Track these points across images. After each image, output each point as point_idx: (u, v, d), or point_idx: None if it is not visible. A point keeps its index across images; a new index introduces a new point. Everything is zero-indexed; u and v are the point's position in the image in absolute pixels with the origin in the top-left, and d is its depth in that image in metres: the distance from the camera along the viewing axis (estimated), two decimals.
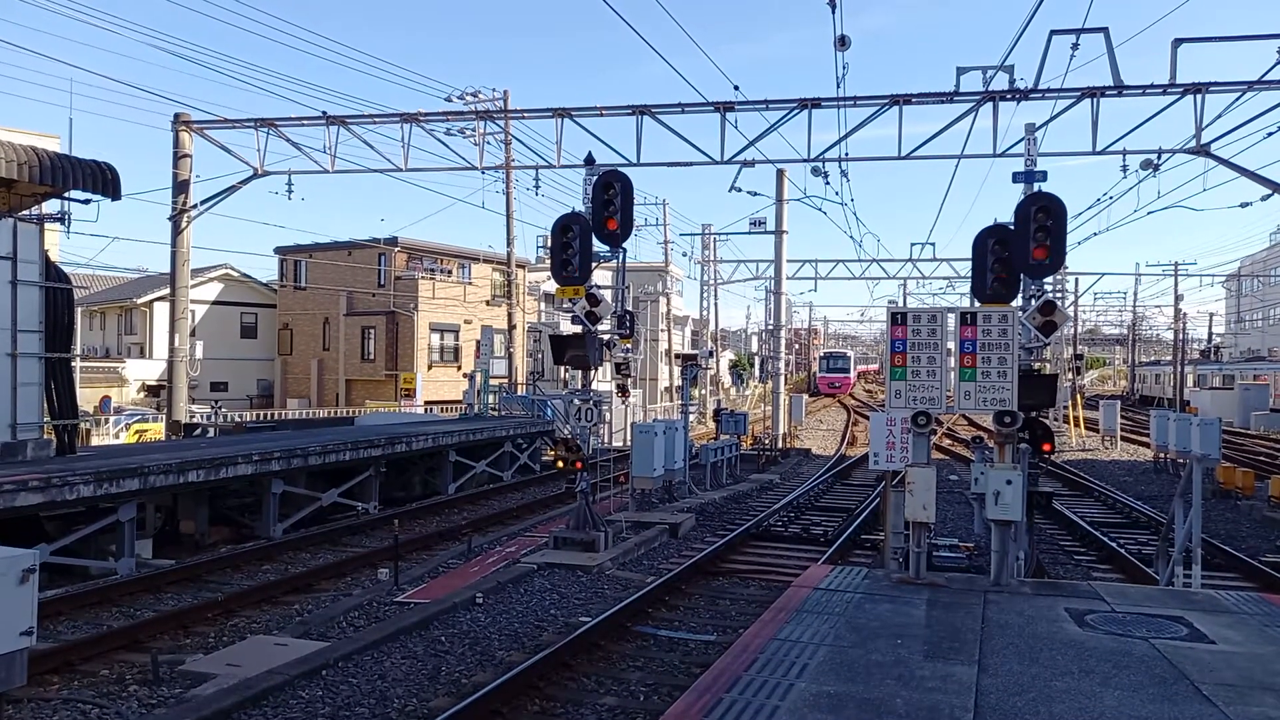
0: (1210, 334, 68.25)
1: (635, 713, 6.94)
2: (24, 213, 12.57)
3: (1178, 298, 52.15)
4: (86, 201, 12.33)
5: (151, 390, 37.23)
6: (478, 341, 30.85)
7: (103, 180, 11.72)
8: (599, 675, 7.78)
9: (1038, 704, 5.01)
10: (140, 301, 42.37)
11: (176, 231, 22.99)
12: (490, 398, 28.14)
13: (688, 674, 7.51)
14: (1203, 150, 18.18)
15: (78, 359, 21.14)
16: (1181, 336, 51.34)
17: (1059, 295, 11.26)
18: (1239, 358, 59.51)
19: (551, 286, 15.82)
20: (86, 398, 26.61)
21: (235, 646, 8.47)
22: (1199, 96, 17.64)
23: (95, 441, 23.91)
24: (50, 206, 13.17)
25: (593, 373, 13.04)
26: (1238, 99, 17.70)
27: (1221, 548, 12.99)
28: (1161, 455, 24.12)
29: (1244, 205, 30.08)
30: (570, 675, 7.70)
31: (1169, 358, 57.67)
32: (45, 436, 13.47)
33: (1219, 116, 18.01)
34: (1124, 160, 19.34)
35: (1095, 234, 46.99)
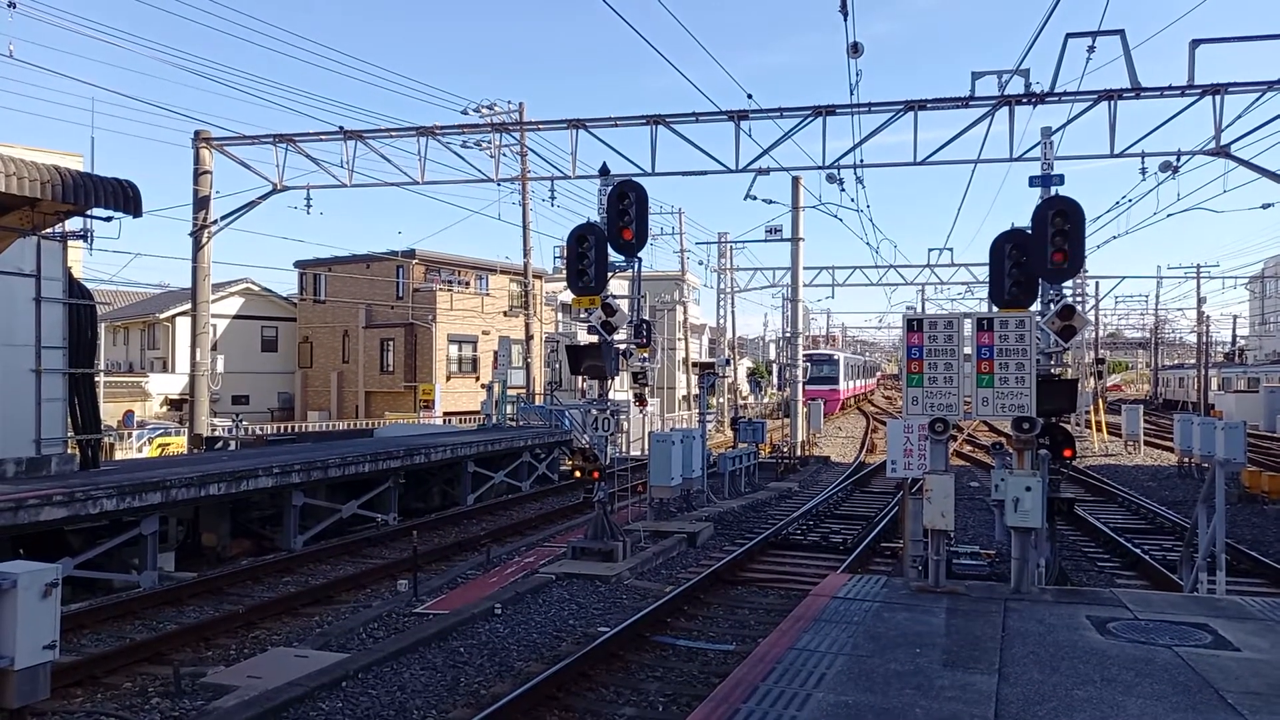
0: (1234, 336, 67.43)
1: None
2: (47, 231, 12.74)
3: (1200, 300, 51.62)
4: (109, 219, 12.47)
5: (174, 404, 37.60)
6: (495, 352, 30.99)
7: (124, 198, 11.86)
8: (618, 686, 7.77)
9: (1059, 713, 4.96)
10: (162, 316, 42.84)
11: (197, 247, 23.25)
12: (508, 408, 28.22)
13: (706, 684, 7.49)
14: (1222, 151, 18.03)
15: (101, 374, 21.36)
16: (1205, 339, 50.77)
17: (1079, 299, 11.18)
18: (1264, 360, 58.78)
19: (568, 297, 15.86)
20: (110, 412, 26.90)
21: (256, 658, 8.52)
22: (1218, 97, 17.50)
23: (118, 455, 24.17)
24: (73, 224, 13.35)
25: (610, 382, 13.05)
26: (1258, 99, 17.56)
27: (1247, 553, 12.82)
28: (1186, 460, 23.83)
29: (1266, 206, 29.89)
30: (589, 686, 7.69)
31: (1192, 361, 57.06)
32: (69, 451, 13.63)
33: (1239, 117, 17.89)
34: (1143, 162, 19.22)
35: (1115, 237, 46.92)
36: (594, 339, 12.63)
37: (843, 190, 24.27)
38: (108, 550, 11.28)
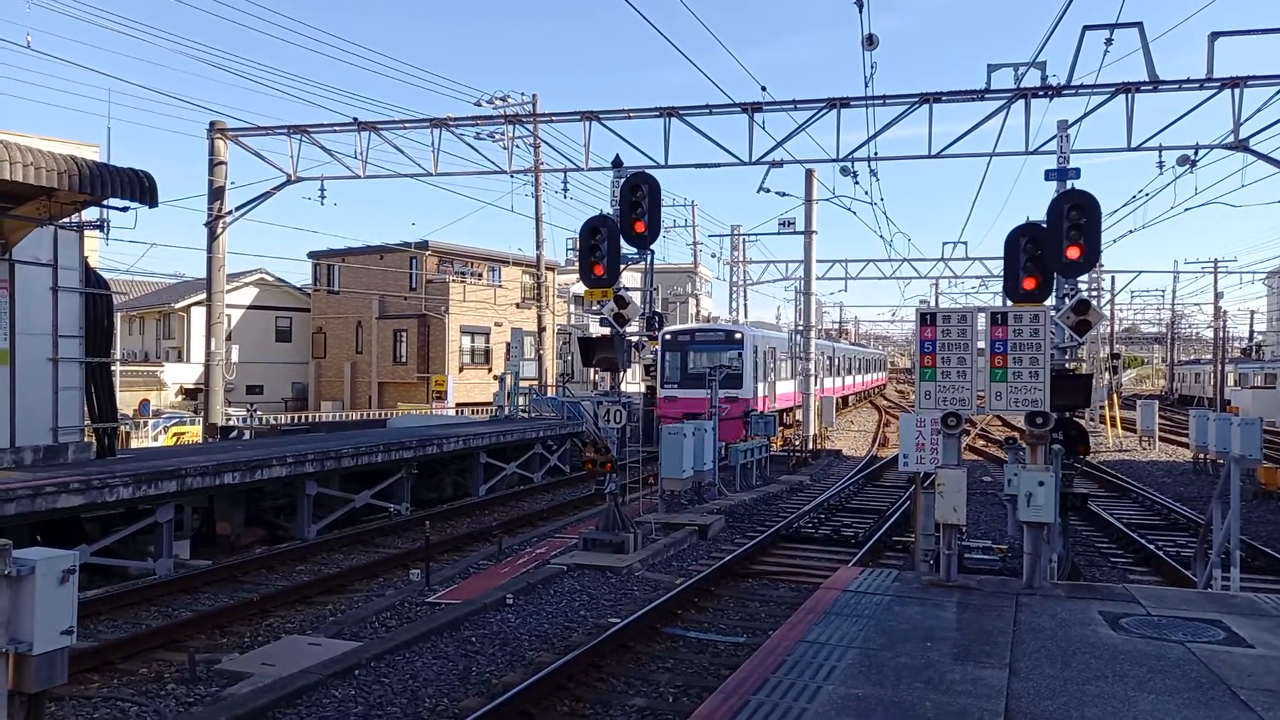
0: (1251, 332, 66.87)
1: (664, 714, 6.95)
2: (64, 220, 12.83)
3: (1217, 295, 51.24)
4: (125, 209, 12.55)
5: (189, 393, 37.86)
6: (508, 344, 31.03)
7: (140, 188, 11.93)
8: (628, 676, 7.80)
9: (1070, 708, 4.95)
10: (178, 306, 43.12)
11: (212, 237, 23.37)
12: (520, 399, 28.27)
13: (716, 675, 7.50)
14: (1241, 145, 17.86)
15: (117, 363, 21.53)
16: (1222, 334, 50.39)
17: (1094, 294, 11.14)
18: None
19: (580, 289, 15.87)
20: (126, 401, 27.12)
21: (270, 646, 8.60)
22: (1237, 90, 17.32)
23: (134, 444, 24.35)
24: (89, 214, 13.43)
25: (622, 374, 13.07)
26: (1278, 92, 17.36)
27: (1262, 550, 12.74)
28: (1201, 456, 23.66)
29: None
30: (600, 676, 7.72)
31: (1208, 356, 56.65)
32: (85, 439, 13.75)
33: (1258, 110, 17.69)
34: (1160, 156, 19.02)
35: (1131, 231, 46.70)
36: (606, 331, 12.64)
37: (856, 183, 24.12)
38: (124, 538, 11.38)
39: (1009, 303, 9.17)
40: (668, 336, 26.03)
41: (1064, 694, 5.18)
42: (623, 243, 12.37)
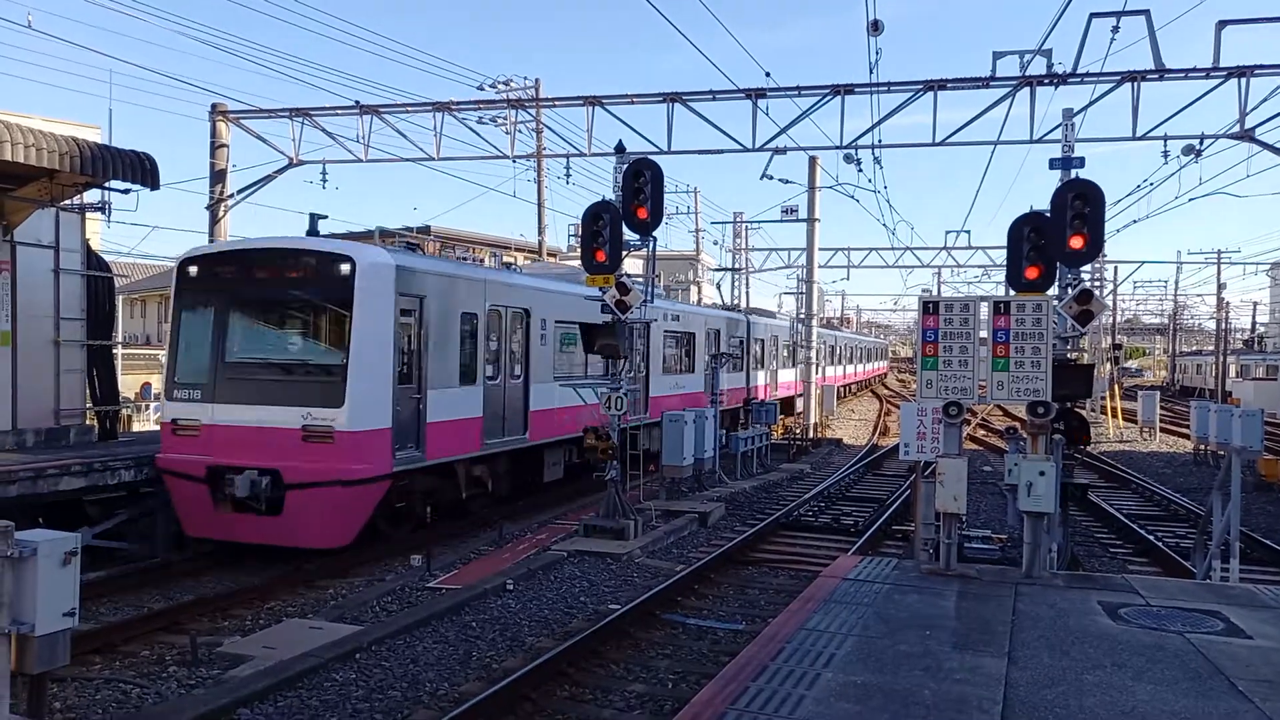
0: (1254, 323, 66.73)
1: (663, 700, 6.98)
2: (65, 202, 12.81)
3: (1220, 286, 51.14)
4: (126, 191, 12.57)
5: None
6: None
7: (142, 170, 11.92)
8: (628, 662, 7.83)
9: (1068, 697, 4.97)
10: None
11: (214, 220, 23.26)
12: None
13: (715, 662, 7.53)
14: (1247, 135, 17.76)
15: (119, 346, 21.52)
16: (1224, 326, 50.32)
17: (1097, 284, 11.11)
18: None
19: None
20: (127, 384, 27.13)
21: (271, 629, 8.63)
22: (1243, 80, 17.20)
23: (136, 427, 24.37)
24: (91, 196, 13.43)
25: (623, 361, 13.05)
26: None
27: (1262, 541, 12.76)
28: (1202, 447, 23.66)
29: None
30: (599, 662, 7.75)
31: (1210, 347, 56.59)
32: (87, 422, 13.78)
33: (1265, 100, 17.55)
34: (1165, 146, 18.91)
35: (1135, 221, 46.26)
36: (608, 318, 12.62)
37: (860, 171, 23.97)
38: (126, 520, 11.41)
39: (1012, 292, 9.15)
40: (191, 269, 12.27)
41: (1062, 683, 5.19)
42: (625, 229, 12.34)
